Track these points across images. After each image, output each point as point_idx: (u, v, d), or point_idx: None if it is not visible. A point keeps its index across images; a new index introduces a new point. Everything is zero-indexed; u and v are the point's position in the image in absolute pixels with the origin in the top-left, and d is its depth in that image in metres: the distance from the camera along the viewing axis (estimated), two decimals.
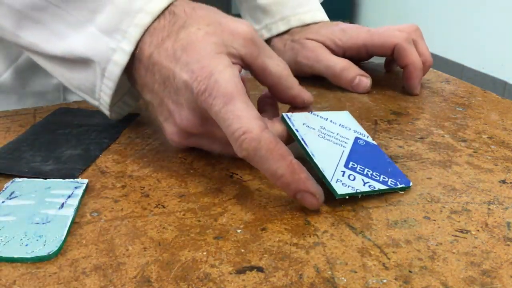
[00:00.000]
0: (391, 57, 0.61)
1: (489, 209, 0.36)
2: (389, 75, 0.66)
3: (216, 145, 0.40)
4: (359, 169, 0.38)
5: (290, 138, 0.40)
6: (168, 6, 0.39)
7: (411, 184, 0.38)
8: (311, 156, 0.37)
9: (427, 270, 0.30)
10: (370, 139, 0.41)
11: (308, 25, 0.64)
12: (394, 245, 0.32)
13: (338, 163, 0.37)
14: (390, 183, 0.37)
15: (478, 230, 0.33)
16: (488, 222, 0.34)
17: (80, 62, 0.41)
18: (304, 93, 0.42)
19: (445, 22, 3.24)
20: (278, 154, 0.34)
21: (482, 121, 0.51)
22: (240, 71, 0.39)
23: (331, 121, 0.41)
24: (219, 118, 0.35)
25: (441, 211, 0.35)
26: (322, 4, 0.69)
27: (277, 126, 0.39)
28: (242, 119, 0.34)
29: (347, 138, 0.40)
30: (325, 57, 0.60)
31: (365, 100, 0.57)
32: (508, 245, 0.32)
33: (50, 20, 0.40)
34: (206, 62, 0.36)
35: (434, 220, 0.34)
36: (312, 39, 0.62)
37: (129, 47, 0.39)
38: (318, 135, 0.39)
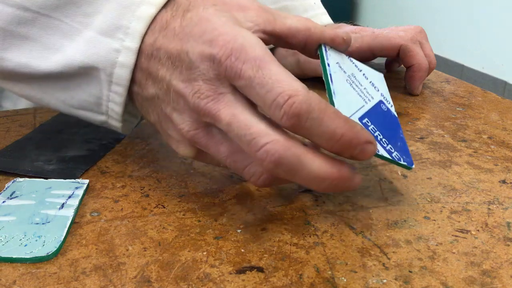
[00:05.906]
0: (396, 58, 0.61)
1: (489, 209, 0.36)
2: (390, 75, 0.66)
3: (223, 149, 0.34)
4: (371, 129, 0.36)
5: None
6: None
7: (413, 166, 0.37)
8: (332, 94, 0.34)
9: (427, 270, 0.30)
10: (393, 109, 0.39)
11: None
12: (394, 245, 0.32)
13: (354, 113, 0.36)
14: (395, 156, 0.36)
15: (478, 230, 0.33)
16: (488, 222, 0.34)
17: (81, 74, 0.36)
18: (340, 32, 0.37)
19: (445, 22, 3.24)
20: (332, 113, 0.30)
21: (482, 121, 0.51)
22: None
23: (364, 74, 0.39)
24: (254, 84, 0.30)
25: (441, 211, 0.35)
26: (322, 4, 0.69)
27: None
28: (284, 82, 0.29)
29: (372, 97, 0.38)
30: None
31: None
32: (508, 245, 0.32)
33: (41, 34, 0.36)
34: (226, 29, 0.32)
35: (434, 220, 0.34)
36: None
37: (134, 44, 0.34)
38: (346, 80, 0.37)
